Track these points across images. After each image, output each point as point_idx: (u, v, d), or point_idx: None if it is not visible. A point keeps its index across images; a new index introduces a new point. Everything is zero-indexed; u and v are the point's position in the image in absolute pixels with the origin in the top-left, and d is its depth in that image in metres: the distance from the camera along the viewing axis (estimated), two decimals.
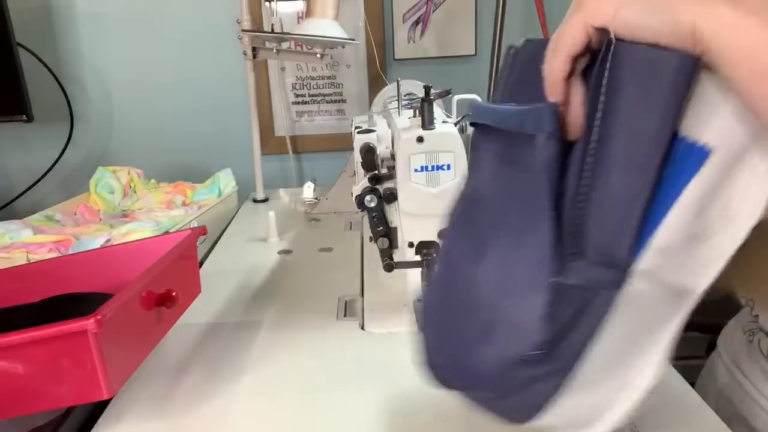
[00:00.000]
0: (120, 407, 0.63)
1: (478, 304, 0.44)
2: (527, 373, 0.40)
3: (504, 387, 0.42)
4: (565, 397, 0.39)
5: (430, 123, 0.66)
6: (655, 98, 0.34)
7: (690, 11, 0.33)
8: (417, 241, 0.73)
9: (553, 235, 0.38)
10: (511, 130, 0.42)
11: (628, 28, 0.35)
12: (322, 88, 1.60)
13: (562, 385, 0.38)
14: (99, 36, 1.53)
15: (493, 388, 0.43)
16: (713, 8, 0.32)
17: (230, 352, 0.74)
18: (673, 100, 0.34)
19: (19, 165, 1.59)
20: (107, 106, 1.58)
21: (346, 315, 0.83)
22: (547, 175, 0.39)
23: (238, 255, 1.08)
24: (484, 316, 0.43)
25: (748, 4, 0.32)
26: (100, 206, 1.25)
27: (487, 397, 0.45)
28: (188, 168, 1.56)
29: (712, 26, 0.32)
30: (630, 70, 0.35)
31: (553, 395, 0.39)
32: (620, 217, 0.36)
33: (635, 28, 0.35)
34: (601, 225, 0.37)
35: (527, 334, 0.39)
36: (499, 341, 0.41)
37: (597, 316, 0.37)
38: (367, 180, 0.72)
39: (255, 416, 0.61)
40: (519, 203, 0.42)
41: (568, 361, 0.38)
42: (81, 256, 0.81)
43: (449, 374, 0.48)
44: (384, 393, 0.64)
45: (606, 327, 0.37)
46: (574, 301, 0.37)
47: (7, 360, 0.51)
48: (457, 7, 1.54)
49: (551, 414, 0.40)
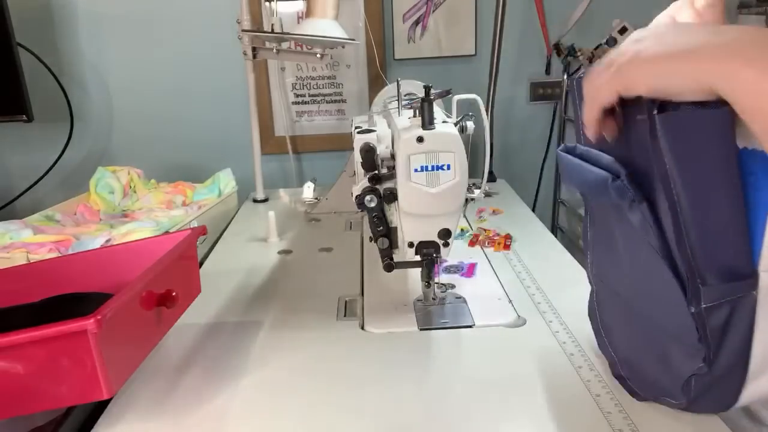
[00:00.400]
0: (120, 407, 0.63)
1: (649, 338, 0.55)
2: (703, 382, 0.49)
3: (690, 395, 0.51)
4: (750, 385, 0.47)
5: (430, 123, 0.66)
6: (711, 145, 0.41)
7: (709, 72, 0.37)
8: (417, 241, 0.73)
9: (673, 276, 0.46)
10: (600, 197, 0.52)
11: (658, 93, 0.41)
12: (322, 88, 1.60)
13: (742, 377, 0.47)
14: (99, 36, 1.53)
15: (681, 397, 0.52)
16: (730, 68, 0.36)
17: (230, 352, 0.74)
18: (725, 141, 0.41)
19: (19, 165, 1.59)
20: (107, 106, 1.58)
21: (346, 315, 0.83)
22: (645, 232, 0.47)
23: (238, 255, 1.08)
24: (656, 350, 0.53)
25: (763, 65, 0.35)
26: (100, 206, 1.25)
27: (681, 403, 0.53)
28: (188, 168, 1.56)
29: (730, 86, 0.36)
30: (679, 133, 0.42)
31: (738, 387, 0.47)
32: (729, 240, 0.43)
33: (664, 93, 0.41)
34: (715, 253, 0.44)
35: (690, 358, 0.48)
36: (672, 367, 0.52)
37: (745, 318, 0.45)
38: (367, 180, 0.71)
39: (255, 416, 0.61)
40: (637, 247, 0.51)
41: (738, 360, 0.46)
42: (81, 256, 0.81)
43: (639, 388, 0.59)
44: (384, 393, 0.64)
45: (757, 321, 0.44)
46: (720, 316, 0.45)
47: (7, 360, 0.51)
48: (457, 7, 1.54)
49: (745, 399, 0.48)
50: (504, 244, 1.03)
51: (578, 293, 0.86)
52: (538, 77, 1.63)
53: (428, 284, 0.80)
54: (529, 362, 0.69)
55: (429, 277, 0.80)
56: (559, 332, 0.74)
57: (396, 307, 0.82)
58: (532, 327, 0.77)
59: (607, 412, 0.58)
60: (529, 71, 1.63)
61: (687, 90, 0.39)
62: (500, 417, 0.59)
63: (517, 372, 0.67)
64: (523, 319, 0.79)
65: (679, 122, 0.41)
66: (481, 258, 0.98)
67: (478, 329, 0.77)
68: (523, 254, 1.00)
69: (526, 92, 1.64)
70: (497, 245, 1.03)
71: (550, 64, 1.61)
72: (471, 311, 0.80)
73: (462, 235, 1.08)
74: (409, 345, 0.74)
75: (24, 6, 1.45)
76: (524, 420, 0.59)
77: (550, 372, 0.66)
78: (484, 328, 0.77)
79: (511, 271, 0.94)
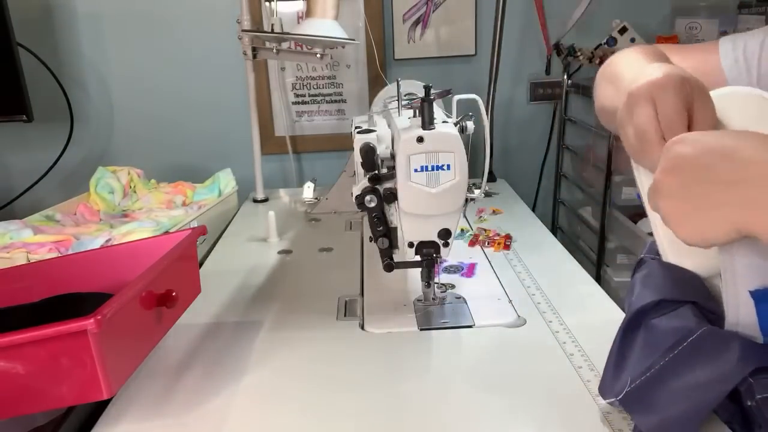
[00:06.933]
0: (120, 407, 0.63)
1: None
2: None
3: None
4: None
5: (430, 123, 0.66)
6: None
7: (738, 221, 0.43)
8: (417, 241, 0.73)
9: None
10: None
11: (702, 243, 0.46)
12: (322, 88, 1.60)
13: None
14: (99, 36, 1.53)
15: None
16: (760, 216, 0.42)
17: (230, 352, 0.74)
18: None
19: (19, 165, 1.59)
20: (107, 106, 1.58)
21: (346, 315, 0.83)
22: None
23: (238, 255, 1.08)
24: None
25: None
26: (100, 206, 1.25)
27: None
28: (188, 168, 1.56)
29: (758, 231, 0.42)
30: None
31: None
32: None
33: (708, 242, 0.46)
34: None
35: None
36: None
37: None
38: (367, 180, 0.71)
39: (255, 416, 0.61)
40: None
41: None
42: (81, 256, 0.81)
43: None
44: (383, 393, 0.64)
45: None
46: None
47: (7, 360, 0.51)
48: (457, 7, 1.54)
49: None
50: (504, 244, 1.03)
51: (578, 293, 0.86)
52: (538, 77, 1.63)
53: (428, 284, 0.80)
54: (529, 362, 0.69)
55: (429, 277, 0.80)
56: (559, 332, 0.74)
57: (396, 307, 0.82)
58: (532, 327, 0.77)
59: (606, 412, 0.58)
60: (529, 71, 1.63)
61: (721, 238, 0.44)
62: (500, 417, 0.59)
63: (517, 372, 0.67)
64: (523, 319, 0.79)
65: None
66: (481, 258, 0.98)
67: (478, 329, 0.77)
68: (523, 254, 1.00)
69: (526, 92, 1.64)
70: (497, 245, 1.03)
71: (550, 64, 1.61)
72: (471, 311, 0.80)
73: (462, 235, 1.08)
74: (409, 345, 0.74)
75: (24, 6, 1.45)
76: (524, 420, 0.59)
77: (550, 372, 0.66)
78: (484, 328, 0.77)
79: (511, 271, 0.94)
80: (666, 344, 0.52)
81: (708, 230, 0.45)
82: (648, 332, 0.55)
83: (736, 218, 0.43)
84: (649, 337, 0.55)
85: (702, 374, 0.49)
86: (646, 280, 0.58)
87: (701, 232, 0.45)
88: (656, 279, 0.57)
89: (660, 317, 0.55)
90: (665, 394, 0.51)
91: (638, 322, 0.57)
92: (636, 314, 0.57)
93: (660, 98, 0.51)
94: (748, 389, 0.47)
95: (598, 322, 0.76)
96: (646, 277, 0.58)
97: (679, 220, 0.47)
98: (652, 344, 0.54)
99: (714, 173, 0.44)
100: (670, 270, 0.56)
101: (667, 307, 0.55)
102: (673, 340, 0.52)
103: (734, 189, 0.43)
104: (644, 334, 0.56)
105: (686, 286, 0.55)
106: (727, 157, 0.44)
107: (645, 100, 0.51)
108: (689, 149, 0.46)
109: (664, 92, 0.51)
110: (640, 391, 0.53)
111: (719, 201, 0.44)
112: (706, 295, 0.54)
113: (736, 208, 0.43)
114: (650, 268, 0.59)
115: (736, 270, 0.49)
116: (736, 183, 0.43)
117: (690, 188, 0.45)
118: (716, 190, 0.44)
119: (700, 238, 0.46)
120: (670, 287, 0.55)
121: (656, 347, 0.53)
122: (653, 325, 0.55)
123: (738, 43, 0.68)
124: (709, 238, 0.45)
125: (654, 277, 0.57)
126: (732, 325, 0.50)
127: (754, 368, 0.47)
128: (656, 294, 0.55)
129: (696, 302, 0.54)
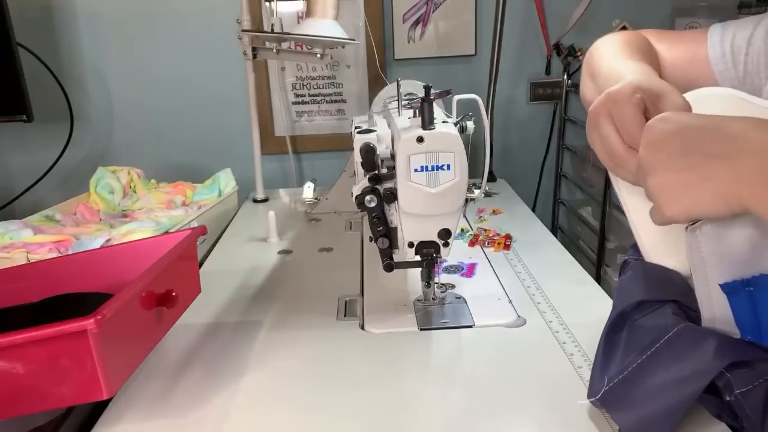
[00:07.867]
0: (120, 407, 0.63)
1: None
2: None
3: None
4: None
5: (430, 123, 0.66)
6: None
7: (730, 195, 0.42)
8: (417, 241, 0.73)
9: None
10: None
11: (690, 219, 0.46)
12: (322, 88, 1.60)
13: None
14: (99, 36, 1.53)
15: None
16: (755, 190, 0.41)
17: (230, 352, 0.74)
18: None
19: (19, 165, 1.59)
20: (107, 106, 1.58)
21: (346, 315, 0.83)
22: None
23: (238, 255, 1.08)
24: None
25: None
26: (100, 206, 1.25)
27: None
28: (188, 168, 1.56)
29: (753, 205, 0.41)
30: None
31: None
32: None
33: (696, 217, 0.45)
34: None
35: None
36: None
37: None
38: (367, 180, 0.71)
39: (254, 416, 0.61)
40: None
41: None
42: (81, 256, 0.81)
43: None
44: (383, 393, 0.64)
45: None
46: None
47: (7, 360, 0.51)
48: (457, 7, 1.54)
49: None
50: (504, 244, 1.03)
51: (578, 293, 0.86)
52: (538, 77, 1.63)
53: (428, 284, 0.80)
54: (529, 362, 0.69)
55: (429, 277, 0.80)
56: (559, 332, 0.74)
57: (396, 307, 0.82)
58: (532, 327, 0.76)
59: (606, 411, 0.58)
60: (529, 71, 1.63)
61: (721, 213, 0.43)
62: (500, 417, 0.59)
63: (517, 372, 0.67)
64: (523, 319, 0.79)
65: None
66: (481, 258, 0.98)
67: (478, 329, 0.77)
68: (523, 254, 1.00)
69: (526, 92, 1.64)
70: (497, 245, 1.03)
71: (550, 64, 1.61)
72: (471, 311, 0.80)
73: (462, 235, 1.08)
74: (409, 345, 0.74)
75: (24, 6, 1.45)
76: (524, 420, 0.59)
77: (550, 372, 0.66)
78: (484, 328, 0.77)
79: (511, 271, 0.94)
80: (645, 343, 0.52)
81: (697, 205, 0.43)
82: (630, 333, 0.55)
83: (728, 192, 0.42)
84: (630, 338, 0.55)
85: (678, 371, 0.49)
86: (629, 281, 0.58)
87: (690, 207, 0.44)
88: (639, 280, 0.57)
89: (642, 318, 0.54)
90: (642, 391, 0.51)
91: (621, 323, 0.56)
92: (618, 316, 0.56)
93: (616, 113, 0.51)
94: (726, 384, 0.46)
95: (598, 322, 0.75)
96: (629, 279, 0.58)
97: (668, 197, 0.45)
98: (633, 344, 0.54)
99: (701, 146, 0.43)
100: (653, 270, 0.56)
101: (648, 308, 0.54)
102: (650, 339, 0.52)
103: (724, 162, 0.42)
104: (626, 335, 0.55)
105: (668, 286, 0.54)
106: (713, 132, 0.43)
107: (604, 118, 0.52)
108: (672, 125, 0.45)
109: (620, 106, 0.51)
110: (618, 389, 0.53)
111: (708, 174, 0.42)
112: (688, 293, 0.53)
113: (727, 182, 0.42)
114: (634, 269, 0.59)
115: (706, 263, 0.48)
116: (725, 156, 0.42)
117: (677, 160, 0.44)
118: (704, 164, 0.43)
119: (690, 213, 0.44)
120: (653, 287, 0.55)
121: (636, 347, 0.53)
122: (636, 325, 0.55)
123: (726, 35, 0.67)
124: (698, 213, 0.44)
125: (637, 278, 0.57)
126: (708, 321, 0.50)
127: (730, 363, 0.46)
128: (638, 295, 0.55)
129: (677, 301, 0.53)
